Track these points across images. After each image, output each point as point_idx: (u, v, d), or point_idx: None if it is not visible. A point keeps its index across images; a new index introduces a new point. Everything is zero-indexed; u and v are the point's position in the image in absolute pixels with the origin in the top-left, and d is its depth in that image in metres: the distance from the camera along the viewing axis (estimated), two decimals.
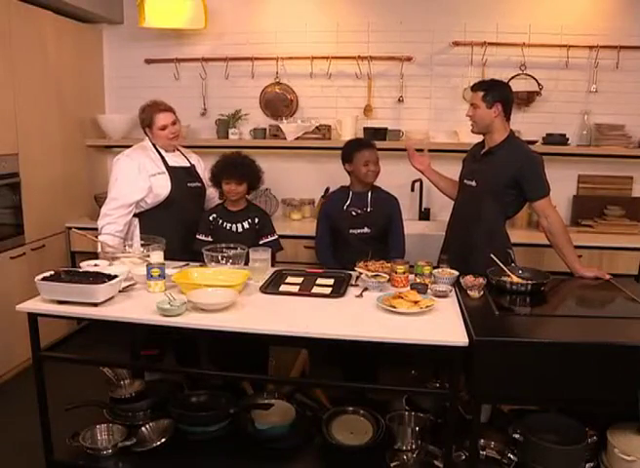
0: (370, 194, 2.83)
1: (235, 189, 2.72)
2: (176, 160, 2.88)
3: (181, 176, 2.82)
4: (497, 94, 2.53)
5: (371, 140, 2.96)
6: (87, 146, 4.06)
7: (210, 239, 2.77)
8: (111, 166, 2.89)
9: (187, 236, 2.81)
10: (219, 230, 2.78)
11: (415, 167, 2.91)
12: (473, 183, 2.63)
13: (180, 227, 2.79)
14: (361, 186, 2.85)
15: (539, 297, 2.25)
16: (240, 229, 2.78)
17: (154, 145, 2.84)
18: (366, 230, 2.79)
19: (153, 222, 2.79)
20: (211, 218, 2.80)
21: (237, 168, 2.71)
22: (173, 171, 2.81)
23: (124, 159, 2.79)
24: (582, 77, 3.75)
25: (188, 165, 2.91)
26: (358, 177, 2.83)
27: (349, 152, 2.83)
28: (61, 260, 3.73)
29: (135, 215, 2.81)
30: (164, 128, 2.77)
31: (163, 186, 2.77)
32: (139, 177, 2.73)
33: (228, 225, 2.78)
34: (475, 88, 2.59)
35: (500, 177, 2.53)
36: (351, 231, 2.80)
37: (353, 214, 2.81)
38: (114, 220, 2.72)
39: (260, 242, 2.78)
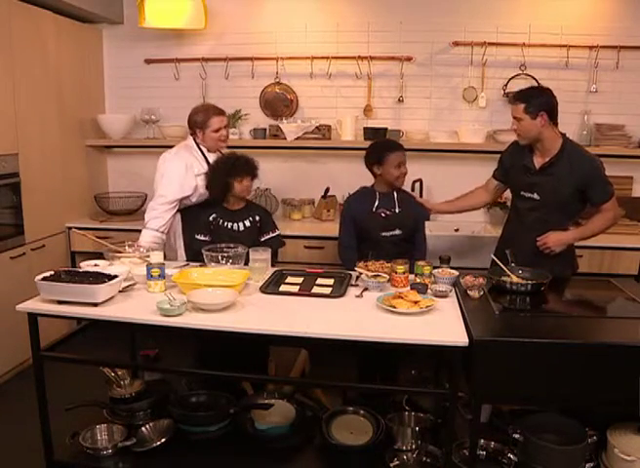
0: (396, 194, 2.77)
1: (249, 185, 2.75)
2: None
3: None
4: (539, 102, 2.41)
5: (398, 143, 2.83)
6: (87, 146, 4.06)
7: (209, 239, 2.77)
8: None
9: None
10: (219, 230, 2.77)
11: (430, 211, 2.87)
12: (535, 196, 2.54)
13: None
14: (387, 187, 2.77)
15: (539, 297, 2.25)
16: (242, 228, 2.78)
17: (198, 146, 2.92)
18: (397, 232, 2.72)
19: (193, 219, 2.86)
20: (211, 219, 2.79)
21: (248, 163, 2.73)
22: None
23: (172, 158, 2.87)
24: (582, 77, 3.76)
25: None
26: (387, 180, 2.72)
27: (380, 154, 2.70)
28: (61, 260, 3.73)
29: (177, 211, 2.90)
30: (218, 130, 2.88)
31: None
32: (186, 176, 2.83)
33: (230, 224, 2.78)
34: (515, 100, 2.47)
35: (564, 190, 2.46)
36: (383, 234, 2.72)
37: (383, 215, 2.72)
38: (160, 215, 2.81)
39: (262, 239, 2.79)
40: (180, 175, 2.82)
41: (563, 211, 2.53)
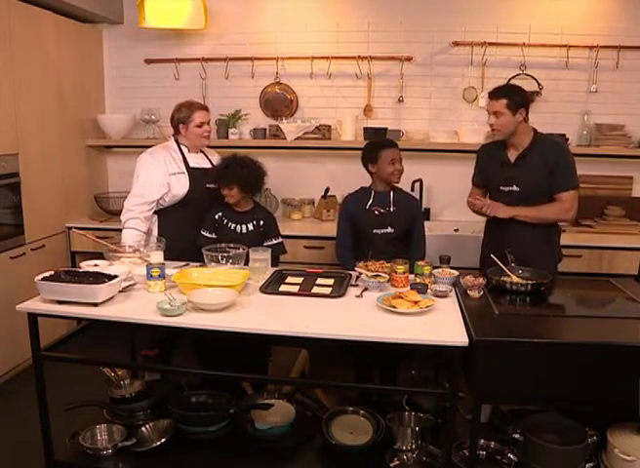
0: (392, 194, 2.80)
1: (228, 193, 2.71)
2: (197, 161, 2.91)
3: (201, 177, 2.84)
4: (519, 98, 2.52)
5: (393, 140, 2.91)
6: (87, 146, 4.06)
7: (214, 236, 2.78)
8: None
9: None
10: (223, 229, 2.78)
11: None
12: (515, 188, 2.60)
13: (197, 227, 2.82)
14: (383, 186, 2.80)
15: (539, 297, 2.25)
16: (245, 230, 2.78)
17: (178, 146, 2.88)
18: (390, 230, 2.76)
19: (170, 220, 2.84)
20: (216, 217, 2.79)
21: (225, 175, 2.69)
22: (193, 171, 2.84)
23: (146, 157, 2.83)
24: (582, 77, 3.76)
25: (209, 166, 2.92)
26: (382, 177, 2.76)
27: (374, 152, 2.76)
28: (61, 260, 3.74)
29: (154, 212, 2.85)
30: (201, 125, 2.83)
31: (181, 186, 2.80)
32: (159, 175, 2.77)
33: (233, 225, 2.78)
34: (496, 96, 2.55)
35: (540, 177, 2.55)
36: (375, 231, 2.77)
37: (376, 213, 2.77)
38: (136, 216, 2.76)
39: (264, 244, 2.78)
40: (154, 174, 2.77)
41: (544, 199, 2.59)
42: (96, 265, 2.36)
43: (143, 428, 2.35)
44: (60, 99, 3.69)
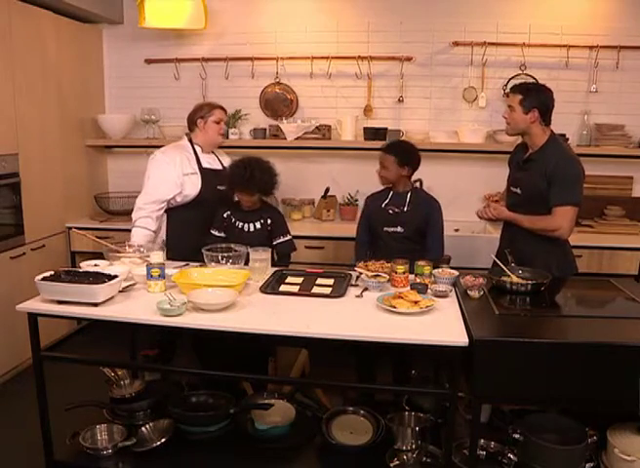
0: (409, 195, 2.83)
1: (248, 200, 2.72)
2: (209, 162, 2.93)
3: (212, 179, 2.85)
4: (535, 99, 2.46)
5: (392, 145, 2.92)
6: (87, 146, 4.06)
7: (223, 235, 2.79)
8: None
9: None
10: (231, 228, 2.79)
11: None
12: (518, 191, 2.60)
13: (204, 227, 2.83)
14: (402, 187, 2.84)
15: (539, 297, 2.25)
16: (252, 229, 2.78)
17: (192, 146, 2.90)
18: (399, 229, 2.79)
19: (180, 220, 2.86)
20: (225, 216, 2.81)
21: (248, 182, 2.64)
22: (205, 172, 2.86)
23: (159, 156, 2.84)
24: (582, 77, 3.76)
25: (220, 167, 2.94)
26: None
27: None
28: (61, 260, 3.74)
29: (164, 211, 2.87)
30: (219, 121, 2.89)
31: (193, 186, 2.82)
32: (172, 174, 2.78)
33: (240, 224, 2.78)
34: (514, 90, 2.55)
35: (539, 184, 2.47)
36: (385, 229, 2.81)
37: (390, 212, 2.82)
38: (148, 214, 2.77)
39: (274, 243, 2.79)
40: (166, 173, 2.78)
41: (542, 207, 2.50)
42: (96, 265, 2.36)
43: (143, 428, 2.35)
44: (60, 99, 3.69)
